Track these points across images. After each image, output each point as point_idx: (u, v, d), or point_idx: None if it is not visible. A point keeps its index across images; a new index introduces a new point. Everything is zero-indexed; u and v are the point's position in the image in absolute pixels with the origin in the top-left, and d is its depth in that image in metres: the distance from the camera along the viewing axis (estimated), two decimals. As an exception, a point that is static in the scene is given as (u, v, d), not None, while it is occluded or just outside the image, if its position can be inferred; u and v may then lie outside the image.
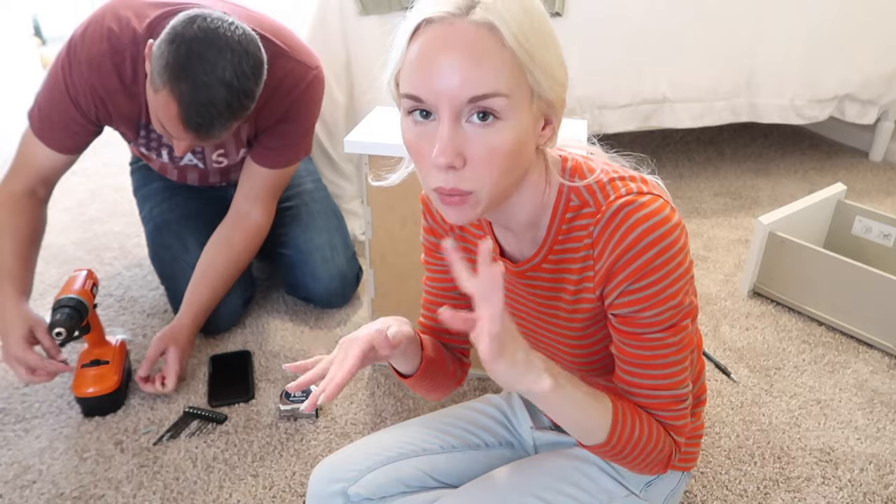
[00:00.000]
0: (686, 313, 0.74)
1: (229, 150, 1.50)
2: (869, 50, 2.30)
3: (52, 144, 1.37)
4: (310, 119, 1.48)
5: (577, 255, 0.76)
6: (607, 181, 0.73)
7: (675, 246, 0.70)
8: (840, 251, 1.65)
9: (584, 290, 0.77)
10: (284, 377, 1.48)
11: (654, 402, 0.77)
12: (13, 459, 1.26)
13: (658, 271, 0.70)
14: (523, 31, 0.62)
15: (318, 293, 1.66)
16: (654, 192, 0.72)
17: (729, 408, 1.39)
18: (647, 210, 0.69)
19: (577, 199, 0.74)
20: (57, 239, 2.06)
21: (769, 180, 2.46)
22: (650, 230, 0.69)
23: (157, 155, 1.49)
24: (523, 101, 0.64)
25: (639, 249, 0.69)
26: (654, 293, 0.71)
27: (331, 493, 0.90)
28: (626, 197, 0.70)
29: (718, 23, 2.15)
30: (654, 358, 0.75)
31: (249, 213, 1.52)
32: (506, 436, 1.01)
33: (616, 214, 0.70)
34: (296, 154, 1.51)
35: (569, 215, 0.75)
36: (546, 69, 0.64)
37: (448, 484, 0.95)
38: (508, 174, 0.66)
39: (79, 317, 1.28)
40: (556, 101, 0.67)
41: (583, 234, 0.74)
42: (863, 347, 1.57)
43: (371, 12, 1.79)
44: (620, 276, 0.71)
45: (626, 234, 0.70)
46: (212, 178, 1.64)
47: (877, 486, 1.21)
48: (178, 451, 1.28)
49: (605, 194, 0.72)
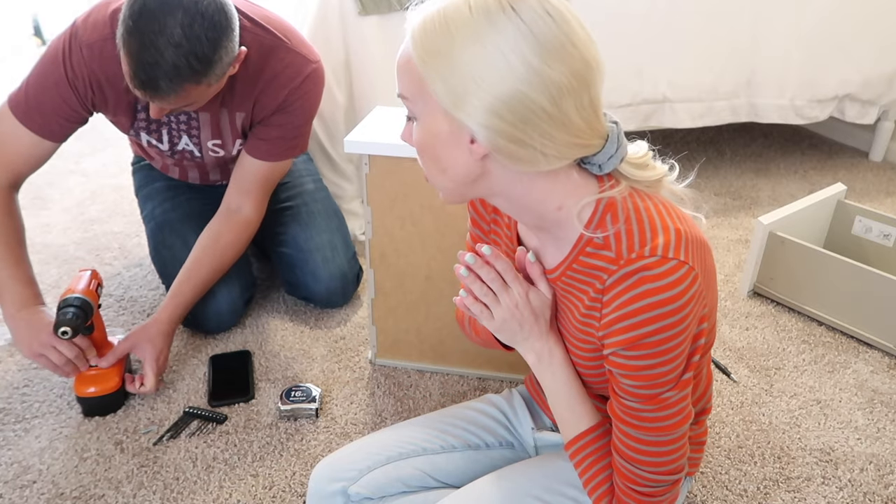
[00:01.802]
0: (673, 386, 0.72)
1: (226, 141, 1.49)
2: (869, 50, 2.30)
3: (40, 130, 1.34)
4: (307, 112, 1.46)
5: (590, 291, 0.75)
6: (638, 231, 0.70)
7: (679, 325, 0.68)
8: (840, 251, 1.65)
9: (591, 324, 0.77)
10: (284, 377, 1.48)
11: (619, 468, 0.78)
12: (13, 459, 1.26)
13: (652, 347, 0.69)
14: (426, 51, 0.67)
15: (319, 293, 1.66)
16: (679, 259, 0.68)
17: (729, 408, 1.39)
18: (661, 282, 0.67)
19: (602, 239, 0.73)
20: (57, 239, 2.06)
21: (769, 180, 2.46)
22: (656, 305, 0.67)
23: (157, 139, 1.47)
24: (429, 108, 0.70)
25: (638, 321, 0.69)
26: (641, 366, 0.71)
27: (331, 493, 0.91)
28: (647, 260, 0.68)
29: (718, 23, 2.15)
30: (629, 425, 0.75)
31: (240, 208, 1.50)
32: (506, 436, 1.01)
33: (629, 276, 0.69)
34: (291, 149, 1.49)
35: (589, 250, 0.74)
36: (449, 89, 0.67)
37: (448, 484, 0.95)
38: (435, 169, 0.73)
39: (84, 316, 1.28)
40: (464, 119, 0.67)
41: (598, 274, 0.74)
42: (863, 347, 1.57)
43: (371, 12, 1.79)
44: (615, 339, 0.71)
45: (631, 301, 0.69)
46: (212, 175, 1.63)
47: (877, 486, 1.21)
48: (178, 451, 1.28)
49: (629, 246, 0.70)
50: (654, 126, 2.26)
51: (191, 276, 1.47)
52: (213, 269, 1.49)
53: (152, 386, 1.35)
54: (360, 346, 1.58)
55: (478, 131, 0.67)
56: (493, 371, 1.47)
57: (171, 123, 1.44)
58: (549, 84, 0.65)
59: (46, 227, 2.13)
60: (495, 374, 1.48)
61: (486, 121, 0.66)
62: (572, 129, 0.67)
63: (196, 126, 1.45)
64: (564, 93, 0.65)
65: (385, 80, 1.87)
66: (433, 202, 1.32)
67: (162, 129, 1.46)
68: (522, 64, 0.64)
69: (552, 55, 0.65)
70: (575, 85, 0.66)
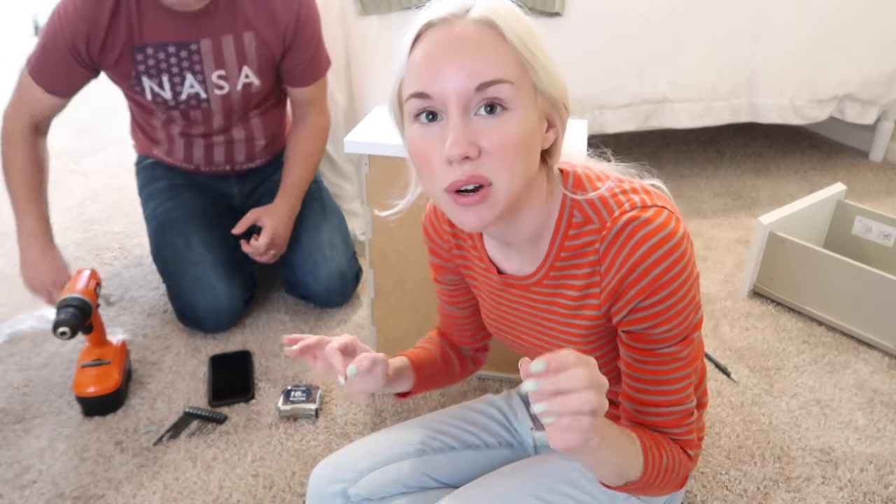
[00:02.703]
0: (696, 325, 0.74)
1: (230, 72, 1.49)
2: (869, 50, 2.30)
3: (50, 88, 1.45)
4: (317, 24, 1.55)
5: (581, 272, 0.75)
6: (610, 196, 0.72)
7: (684, 259, 0.70)
8: (840, 251, 1.65)
9: (587, 305, 0.76)
10: (284, 377, 1.48)
11: (666, 419, 0.76)
12: (13, 459, 1.26)
13: (668, 286, 0.70)
14: (521, 28, 0.65)
15: (318, 292, 1.66)
16: (658, 204, 0.71)
17: (729, 408, 1.39)
18: (653, 225, 0.69)
19: (581, 215, 0.73)
20: (57, 239, 2.05)
21: (769, 180, 2.46)
22: (657, 245, 0.68)
23: (158, 84, 1.47)
24: (528, 94, 0.65)
25: (647, 265, 0.69)
26: (667, 308, 0.71)
27: (331, 494, 0.91)
28: (632, 212, 0.70)
29: (718, 23, 2.15)
30: (667, 373, 0.74)
31: (306, 115, 1.65)
32: (506, 436, 1.01)
33: (622, 231, 0.70)
34: (317, 69, 1.60)
35: (572, 231, 0.74)
36: (546, 65, 0.66)
37: (448, 484, 0.95)
38: (523, 168, 0.66)
39: (83, 316, 1.28)
40: (559, 100, 0.68)
41: (588, 250, 0.73)
42: (863, 347, 1.57)
43: (371, 12, 1.79)
44: (630, 293, 0.71)
45: (634, 250, 0.69)
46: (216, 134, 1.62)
47: (877, 486, 1.21)
48: (178, 451, 1.28)
49: (609, 210, 0.72)
50: (654, 126, 2.26)
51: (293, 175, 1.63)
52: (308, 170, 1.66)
53: (260, 247, 1.54)
54: (360, 346, 1.58)
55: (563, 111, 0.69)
56: (493, 371, 1.47)
57: (172, 66, 1.45)
58: None
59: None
60: (495, 374, 1.48)
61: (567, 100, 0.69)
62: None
63: (199, 60, 1.45)
64: None
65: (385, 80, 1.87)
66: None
67: (162, 74, 1.46)
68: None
69: None
70: None
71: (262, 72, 1.52)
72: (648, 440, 0.74)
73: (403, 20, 1.81)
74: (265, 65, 1.51)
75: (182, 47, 1.43)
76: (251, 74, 1.51)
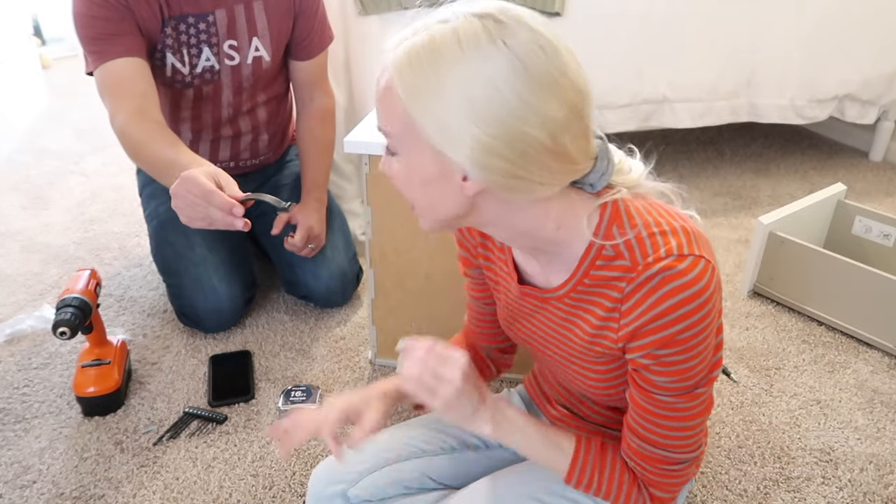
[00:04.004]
0: (706, 380, 0.74)
1: (241, 42, 1.50)
2: (869, 50, 2.30)
3: (118, 51, 1.34)
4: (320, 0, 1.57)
5: (603, 303, 0.74)
6: (647, 235, 0.70)
7: (709, 317, 0.69)
8: (840, 251, 1.65)
9: (605, 336, 0.75)
10: (284, 377, 1.48)
11: (645, 454, 0.77)
12: (13, 459, 1.26)
13: (685, 343, 0.69)
14: (413, 86, 0.64)
15: (318, 291, 1.66)
16: (695, 253, 0.68)
17: (729, 408, 1.39)
18: (685, 279, 0.67)
19: (612, 249, 0.71)
20: (57, 239, 2.06)
21: (769, 180, 2.46)
22: (685, 302, 0.67)
23: (179, 59, 1.46)
24: (413, 145, 0.67)
25: (669, 320, 0.68)
26: (677, 362, 0.70)
27: (330, 495, 0.90)
28: (666, 261, 0.67)
29: (718, 23, 2.15)
30: (661, 417, 0.75)
31: (313, 98, 1.65)
32: (506, 437, 1.01)
33: (652, 278, 0.68)
34: (323, 37, 1.61)
35: (599, 262, 0.73)
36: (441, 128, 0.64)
37: (447, 485, 0.95)
38: (421, 204, 0.72)
39: (83, 316, 1.28)
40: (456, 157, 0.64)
41: (613, 285, 0.72)
42: (863, 347, 1.57)
43: (371, 12, 1.79)
44: (646, 340, 0.70)
45: (659, 301, 0.68)
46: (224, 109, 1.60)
47: (877, 486, 1.21)
48: (178, 451, 1.28)
49: (643, 252, 0.69)
50: (654, 126, 2.26)
51: (310, 170, 1.64)
52: (324, 159, 1.67)
53: (297, 243, 1.56)
54: (360, 346, 1.58)
55: (472, 170, 0.65)
56: (493, 371, 1.47)
57: (191, 38, 1.45)
58: (547, 119, 0.63)
59: (46, 227, 2.13)
60: (495, 374, 1.47)
61: (482, 159, 0.63)
62: (569, 158, 0.66)
63: (215, 32, 1.46)
64: (561, 127, 0.64)
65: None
66: (433, 202, 1.32)
67: (183, 48, 1.46)
68: (518, 99, 0.62)
69: (547, 90, 0.63)
70: (570, 117, 0.65)
71: (273, 45, 1.53)
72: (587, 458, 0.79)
73: (403, 20, 1.81)
74: (275, 36, 1.52)
75: (200, 19, 1.43)
76: (261, 47, 1.52)
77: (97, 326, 1.36)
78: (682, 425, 0.75)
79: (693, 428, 0.76)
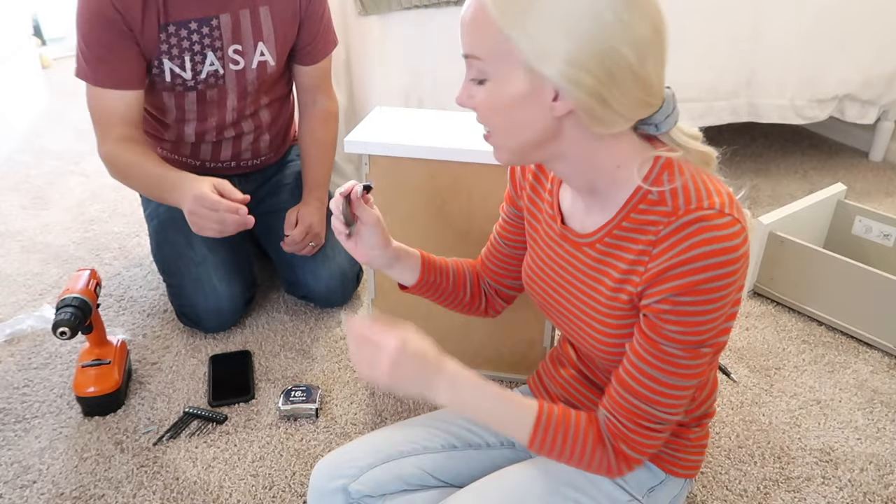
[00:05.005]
0: (711, 343, 0.74)
1: (246, 48, 1.49)
2: (869, 50, 2.30)
3: (113, 82, 1.39)
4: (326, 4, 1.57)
5: (635, 247, 0.75)
6: (693, 188, 0.72)
7: (732, 277, 0.70)
8: (840, 251, 1.65)
9: (628, 281, 0.76)
10: (284, 377, 1.48)
11: (628, 408, 0.77)
12: (13, 459, 1.26)
13: (705, 294, 0.70)
14: (508, 5, 0.66)
15: (318, 291, 1.66)
16: (735, 216, 0.70)
17: (729, 408, 1.39)
18: (720, 232, 0.69)
19: (658, 195, 0.74)
20: (57, 239, 2.06)
21: (769, 180, 2.46)
22: (714, 253, 0.68)
23: (180, 65, 1.46)
24: (507, 67, 0.69)
25: (696, 267, 0.69)
26: (692, 312, 0.71)
27: (332, 490, 0.91)
28: (706, 211, 0.69)
29: (718, 22, 2.15)
30: (659, 370, 0.75)
31: (315, 101, 1.66)
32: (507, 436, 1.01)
33: (689, 224, 0.70)
34: (328, 42, 1.61)
35: (642, 206, 0.75)
36: (535, 43, 0.66)
37: (449, 483, 0.95)
38: (508, 131, 0.73)
39: (83, 316, 1.28)
40: (551, 74, 0.67)
41: (649, 229, 0.74)
42: (863, 347, 1.57)
43: (371, 12, 1.79)
44: (668, 285, 0.71)
45: (691, 247, 0.69)
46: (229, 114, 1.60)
47: (877, 486, 1.21)
48: (178, 451, 1.28)
49: (686, 200, 0.71)
50: (654, 126, 2.26)
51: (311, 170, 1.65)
52: (326, 159, 1.68)
53: (296, 236, 1.56)
54: (360, 346, 1.58)
55: (563, 86, 0.67)
56: (494, 371, 1.47)
57: (194, 44, 1.44)
58: (637, 38, 0.66)
59: (46, 227, 2.13)
60: (495, 373, 1.48)
61: (575, 75, 0.66)
62: (647, 86, 0.69)
63: (219, 36, 1.45)
64: (647, 48, 0.67)
65: (385, 81, 1.87)
66: (433, 202, 1.32)
67: (185, 54, 1.45)
68: (613, 15, 0.65)
69: (639, 9, 0.66)
70: (656, 40, 0.68)
71: (278, 50, 1.53)
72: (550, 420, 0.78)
73: (403, 20, 1.82)
74: (281, 42, 1.52)
75: (203, 23, 1.43)
76: (266, 52, 1.51)
77: (97, 326, 1.36)
78: (676, 382, 0.75)
79: (685, 389, 0.76)
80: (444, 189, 1.31)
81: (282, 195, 1.72)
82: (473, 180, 1.29)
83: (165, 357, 1.54)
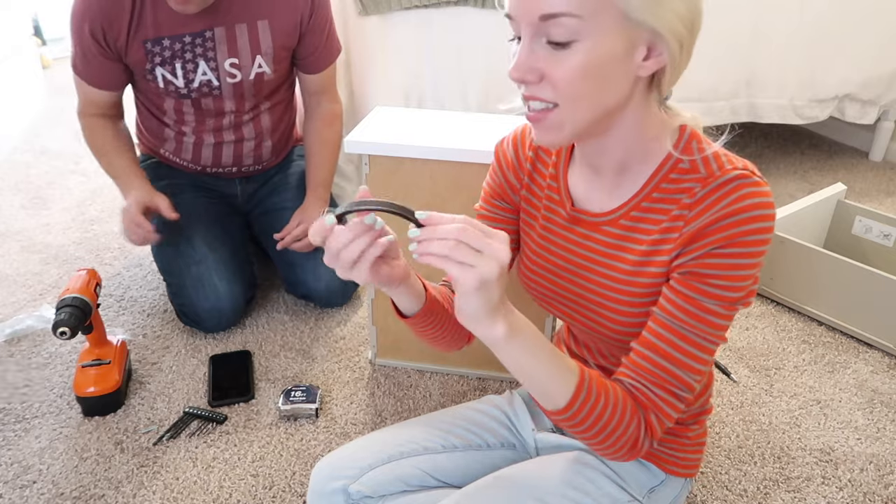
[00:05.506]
0: (745, 300, 0.74)
1: (243, 61, 1.49)
2: (869, 49, 2.30)
3: (93, 83, 1.50)
4: (329, 6, 1.58)
5: (666, 216, 0.75)
6: (724, 155, 0.74)
7: (768, 233, 0.71)
8: (840, 251, 1.65)
9: (658, 252, 0.76)
10: (284, 377, 1.48)
11: (658, 372, 0.74)
12: (13, 459, 1.26)
13: (748, 246, 0.70)
14: None
15: (319, 291, 1.66)
16: (764, 179, 0.72)
17: (729, 408, 1.39)
18: (759, 189, 0.70)
19: (689, 163, 0.74)
20: (57, 239, 2.06)
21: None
22: (757, 206, 0.70)
23: (171, 72, 1.47)
24: (604, 23, 0.63)
25: (741, 219, 0.70)
26: (735, 265, 0.71)
27: (332, 490, 0.91)
28: (743, 171, 0.71)
29: (718, 23, 2.15)
30: (693, 328, 0.73)
31: (320, 103, 1.68)
32: (508, 437, 1.01)
33: (729, 182, 0.71)
34: (331, 52, 1.62)
35: (673, 175, 0.75)
36: None
37: (449, 484, 0.95)
38: (589, 99, 0.67)
39: (83, 316, 1.28)
40: (658, 25, 0.65)
41: (682, 195, 0.74)
42: (863, 347, 1.57)
43: (371, 12, 1.79)
44: (711, 238, 0.71)
45: (735, 201, 0.70)
46: (224, 156, 1.63)
47: (877, 486, 1.21)
48: (178, 451, 1.28)
49: (719, 165, 0.72)
50: (654, 126, 2.26)
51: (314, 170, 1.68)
52: (329, 160, 1.69)
53: (292, 228, 1.61)
54: (360, 346, 1.58)
55: (668, 39, 0.66)
56: (494, 371, 1.47)
57: (186, 53, 1.45)
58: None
59: (46, 227, 2.13)
60: (495, 374, 1.48)
61: (677, 27, 0.66)
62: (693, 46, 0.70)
63: (212, 47, 1.45)
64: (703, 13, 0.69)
65: (385, 81, 1.87)
66: (433, 202, 1.32)
67: (175, 61, 1.46)
68: None
69: None
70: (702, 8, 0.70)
71: (277, 61, 1.52)
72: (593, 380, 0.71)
73: (403, 20, 1.82)
74: (280, 54, 1.52)
75: (196, 36, 1.44)
76: (264, 64, 1.51)
77: (97, 326, 1.36)
78: (709, 341, 0.74)
79: (710, 352, 0.75)
80: (444, 189, 1.31)
81: (282, 195, 1.72)
82: (473, 180, 1.29)
83: (165, 357, 1.54)
